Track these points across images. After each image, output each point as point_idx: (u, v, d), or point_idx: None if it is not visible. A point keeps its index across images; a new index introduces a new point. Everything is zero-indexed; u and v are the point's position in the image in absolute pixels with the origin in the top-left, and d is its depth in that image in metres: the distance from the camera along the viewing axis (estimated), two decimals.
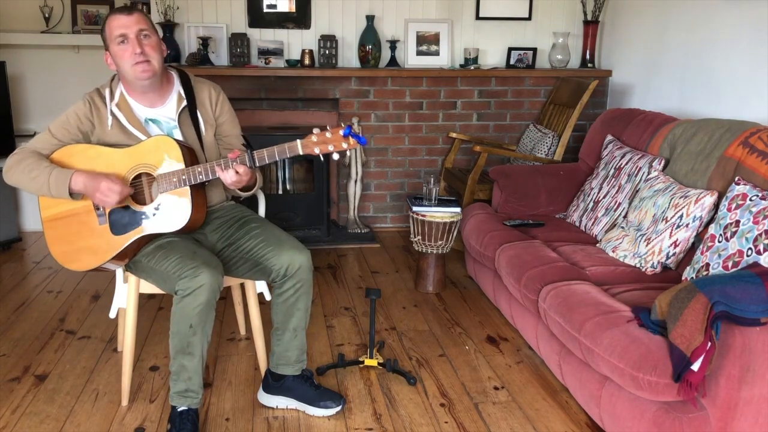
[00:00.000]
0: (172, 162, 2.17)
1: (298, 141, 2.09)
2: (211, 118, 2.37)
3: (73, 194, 2.16)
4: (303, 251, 2.25)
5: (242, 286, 2.72)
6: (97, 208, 2.21)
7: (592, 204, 3.12)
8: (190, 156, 2.21)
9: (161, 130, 2.29)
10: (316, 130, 2.07)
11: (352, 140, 2.06)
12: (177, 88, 2.34)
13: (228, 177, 2.13)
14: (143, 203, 2.21)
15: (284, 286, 2.26)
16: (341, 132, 2.05)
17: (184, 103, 2.32)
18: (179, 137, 2.29)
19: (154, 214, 2.19)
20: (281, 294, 2.28)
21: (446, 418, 2.34)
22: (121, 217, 2.20)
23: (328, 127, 2.07)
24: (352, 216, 4.44)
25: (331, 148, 2.07)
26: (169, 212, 2.19)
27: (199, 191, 2.23)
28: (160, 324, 3.04)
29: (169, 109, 2.31)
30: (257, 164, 2.14)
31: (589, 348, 2.05)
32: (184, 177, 2.15)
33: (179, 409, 2.17)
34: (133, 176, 2.20)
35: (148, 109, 2.29)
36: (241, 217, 2.39)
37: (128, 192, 2.16)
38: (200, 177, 2.15)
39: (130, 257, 2.26)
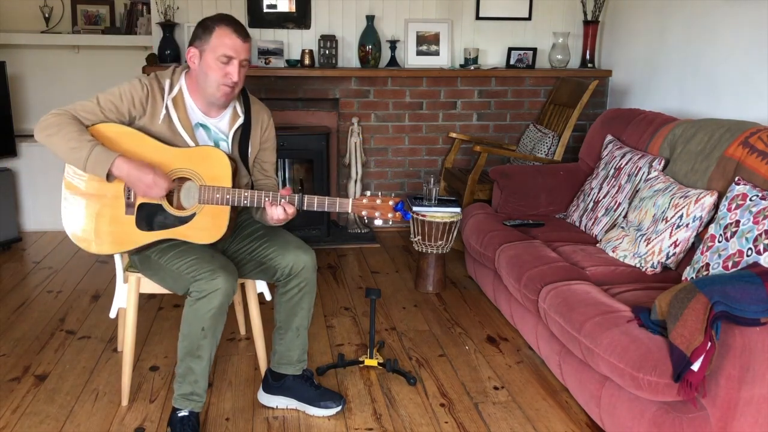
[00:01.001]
0: (219, 177, 2.13)
1: (350, 200, 2.12)
2: (258, 142, 2.36)
3: (109, 176, 2.06)
4: (308, 251, 2.25)
5: (242, 286, 2.72)
6: (127, 197, 2.15)
7: (592, 204, 3.12)
8: (235, 173, 2.18)
9: (209, 138, 2.25)
10: (368, 194, 2.13)
11: (398, 215, 2.14)
12: (234, 103, 2.30)
13: (276, 213, 2.11)
14: (170, 204, 2.17)
15: (289, 285, 2.26)
16: (391, 203, 2.12)
17: (240, 121, 2.29)
18: (226, 150, 2.25)
19: (186, 222, 2.15)
20: (285, 293, 2.28)
21: (446, 418, 2.34)
22: (151, 214, 2.15)
23: (380, 194, 2.13)
24: (352, 216, 4.44)
25: (377, 214, 2.13)
26: (203, 225, 2.15)
27: (234, 211, 2.20)
28: (160, 324, 3.04)
29: (222, 122, 2.28)
30: (305, 208, 2.14)
31: (589, 348, 2.05)
32: (228, 197, 2.11)
33: (180, 414, 2.16)
34: (174, 177, 2.15)
35: (202, 114, 2.25)
36: (246, 219, 2.39)
37: (172, 188, 2.12)
38: (245, 202, 2.12)
39: (138, 249, 2.22)
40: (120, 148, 2.11)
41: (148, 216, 2.16)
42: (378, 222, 2.15)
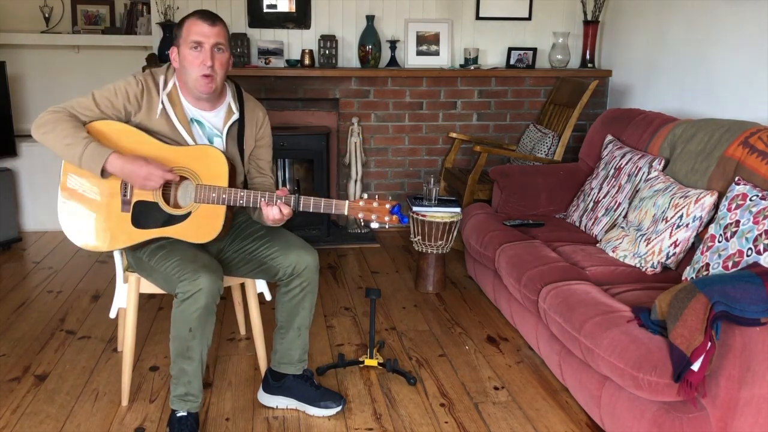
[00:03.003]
0: (216, 176, 2.13)
1: (347, 203, 2.12)
2: (253, 139, 2.36)
3: (103, 173, 2.08)
4: (311, 251, 2.26)
5: (242, 286, 2.72)
6: (124, 195, 2.16)
7: (592, 204, 3.12)
8: (232, 172, 2.19)
9: (203, 134, 2.26)
10: (365, 196, 2.13)
11: (395, 218, 2.13)
12: (228, 100, 2.31)
13: (272, 213, 2.11)
14: (167, 203, 2.18)
15: (291, 284, 2.26)
16: (388, 206, 2.12)
17: (235, 117, 2.29)
18: (220, 147, 2.26)
19: (181, 220, 2.16)
20: (287, 292, 2.28)
21: (446, 418, 2.34)
22: (147, 212, 2.16)
23: (377, 197, 2.13)
24: (353, 216, 4.44)
25: (373, 217, 2.13)
26: (197, 224, 2.15)
27: (230, 210, 2.20)
28: (160, 324, 3.04)
29: (216, 117, 2.28)
30: (301, 209, 2.14)
31: (589, 348, 2.05)
32: (224, 196, 2.12)
33: (178, 415, 2.16)
34: None
35: (196, 110, 2.26)
36: (246, 219, 2.39)
37: (170, 178, 2.11)
38: (241, 202, 2.12)
39: (133, 249, 2.23)
40: (118, 146, 2.12)
41: (143, 214, 2.17)
42: (374, 225, 2.16)
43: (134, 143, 2.15)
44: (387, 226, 2.17)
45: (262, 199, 2.11)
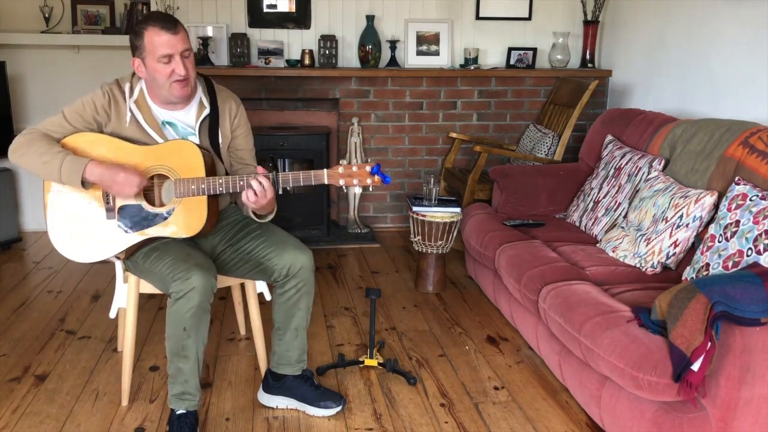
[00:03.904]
0: (193, 168, 2.14)
1: (325, 171, 2.11)
2: (228, 130, 2.35)
3: (84, 183, 2.11)
4: (305, 251, 2.25)
5: (242, 286, 2.72)
6: (107, 201, 2.18)
7: (592, 204, 3.12)
8: (211, 164, 2.19)
9: (177, 135, 2.26)
10: (343, 162, 2.11)
11: (377, 178, 2.11)
12: (199, 95, 2.30)
13: (251, 193, 2.10)
14: (152, 204, 2.19)
15: (286, 285, 2.26)
16: (368, 168, 2.09)
17: (206, 111, 2.29)
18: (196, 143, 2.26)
19: (166, 218, 2.17)
20: (283, 293, 2.28)
21: (446, 418, 2.34)
22: (132, 215, 2.18)
23: (355, 161, 2.10)
24: (352, 216, 4.44)
25: (355, 182, 2.11)
26: (182, 218, 2.17)
27: (213, 201, 2.21)
28: (160, 324, 3.04)
29: (188, 115, 2.29)
30: (281, 185, 2.14)
31: (589, 348, 2.05)
32: (203, 186, 2.13)
33: (177, 413, 2.17)
34: (150, 175, 2.17)
35: (166, 111, 2.26)
36: (243, 219, 2.39)
37: (145, 185, 2.14)
38: (220, 189, 2.13)
39: (128, 254, 2.25)
40: (93, 155, 2.15)
41: (129, 217, 2.19)
42: (358, 190, 2.14)
43: (107, 151, 2.18)
44: (371, 189, 2.15)
45: (241, 183, 2.11)
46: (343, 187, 2.15)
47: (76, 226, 2.21)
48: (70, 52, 4.54)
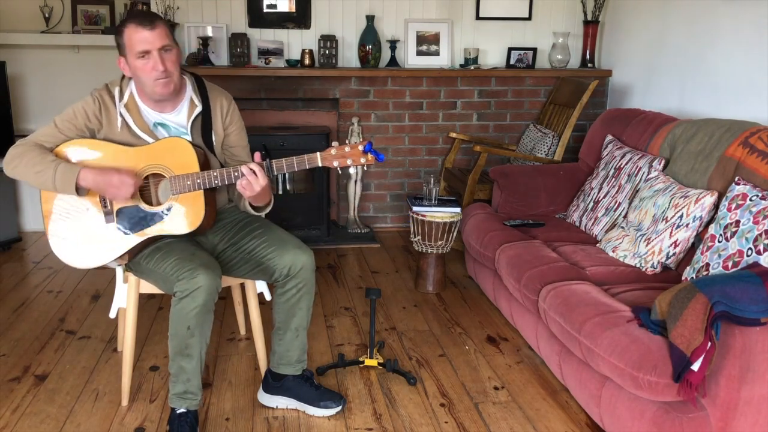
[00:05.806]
0: (186, 165, 2.14)
1: (318, 153, 2.12)
2: (221, 128, 2.35)
3: (79, 190, 2.12)
4: (306, 251, 2.25)
5: (242, 286, 2.72)
6: (105, 206, 2.19)
7: (592, 204, 3.12)
8: (205, 159, 2.20)
9: (169, 135, 2.26)
10: (335, 143, 2.13)
11: (370, 156, 2.10)
12: (189, 94, 2.30)
13: (245, 181, 2.10)
14: (149, 203, 2.20)
15: (287, 285, 2.26)
16: (361, 147, 2.09)
17: (198, 110, 2.29)
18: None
19: (164, 216, 2.18)
20: (284, 293, 2.28)
21: (446, 418, 2.34)
22: (130, 217, 2.18)
23: (348, 141, 2.11)
24: (352, 216, 4.44)
25: (349, 162, 2.11)
26: (180, 215, 2.17)
27: (210, 195, 2.22)
28: (160, 324, 3.04)
29: (179, 115, 2.28)
30: (275, 172, 2.14)
31: (589, 348, 2.05)
32: (198, 181, 2.13)
33: (178, 411, 2.17)
34: (144, 175, 2.18)
35: (157, 113, 2.26)
36: (244, 218, 2.39)
37: (141, 185, 2.14)
38: (215, 182, 2.13)
39: (131, 257, 2.26)
40: (88, 161, 2.17)
41: (128, 219, 2.19)
42: (352, 170, 2.15)
43: (102, 154, 2.18)
44: (366, 168, 2.14)
45: (235, 174, 2.12)
46: (338, 169, 2.15)
47: (77, 233, 2.21)
48: (70, 52, 4.55)
